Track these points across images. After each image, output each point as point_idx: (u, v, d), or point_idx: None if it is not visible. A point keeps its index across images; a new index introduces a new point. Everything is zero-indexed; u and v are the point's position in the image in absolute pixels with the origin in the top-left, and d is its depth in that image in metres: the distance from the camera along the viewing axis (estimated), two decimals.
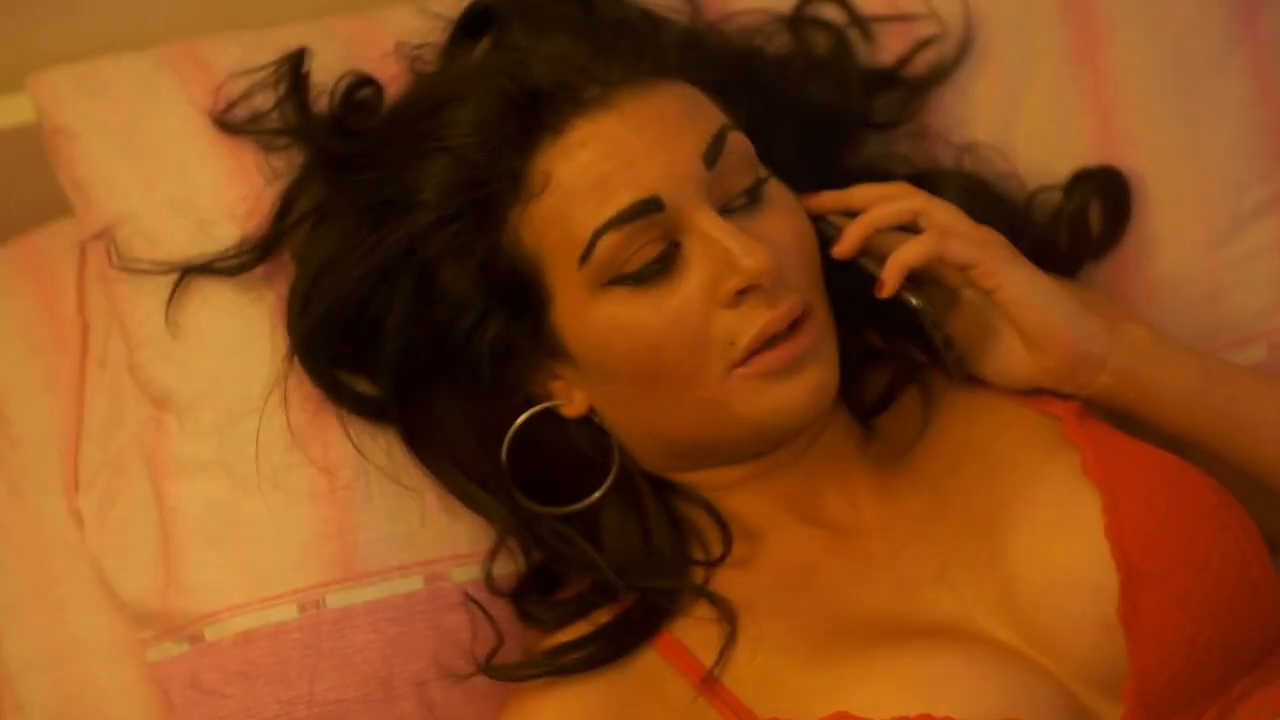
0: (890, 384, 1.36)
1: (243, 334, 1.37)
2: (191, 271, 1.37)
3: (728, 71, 1.37)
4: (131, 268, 1.39)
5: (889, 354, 1.37)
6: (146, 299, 1.39)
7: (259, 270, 1.37)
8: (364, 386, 1.34)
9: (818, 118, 1.44)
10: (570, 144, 1.24)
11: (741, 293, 1.22)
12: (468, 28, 1.38)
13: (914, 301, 1.28)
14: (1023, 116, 1.51)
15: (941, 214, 1.29)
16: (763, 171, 1.28)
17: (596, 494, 1.31)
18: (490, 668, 1.31)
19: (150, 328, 1.40)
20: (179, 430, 1.38)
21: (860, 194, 1.32)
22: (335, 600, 1.35)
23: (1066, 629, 1.23)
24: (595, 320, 1.24)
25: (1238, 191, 1.51)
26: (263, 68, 1.41)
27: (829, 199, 1.32)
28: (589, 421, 1.31)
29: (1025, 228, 1.45)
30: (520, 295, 1.26)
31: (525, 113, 1.25)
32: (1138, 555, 1.23)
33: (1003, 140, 1.51)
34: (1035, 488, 1.27)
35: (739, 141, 1.26)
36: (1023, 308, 1.25)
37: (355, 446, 1.33)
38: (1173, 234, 1.51)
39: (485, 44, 1.37)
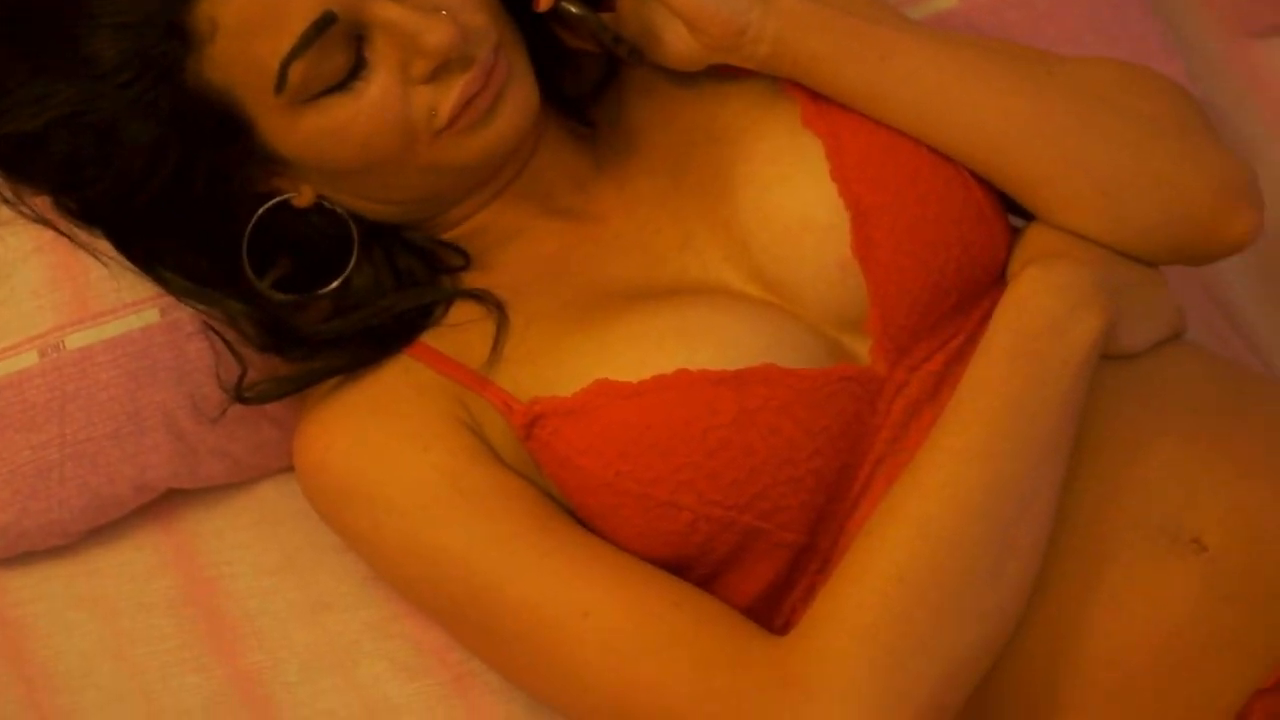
0: (595, 78, 1.37)
1: None
2: None
3: None
4: None
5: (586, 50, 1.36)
6: None
7: None
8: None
9: None
10: None
11: (434, 69, 1.21)
12: None
13: (573, 9, 1.26)
14: None
15: None
16: None
17: (346, 270, 1.30)
18: (240, 395, 1.31)
19: None
20: None
21: None
22: (74, 341, 1.34)
23: (806, 272, 1.27)
24: (302, 133, 1.22)
25: None
26: None
27: None
28: (321, 207, 1.29)
29: None
30: (221, 128, 1.22)
31: None
32: (865, 191, 1.26)
33: None
34: (757, 144, 1.29)
35: None
36: None
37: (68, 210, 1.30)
38: None
39: None
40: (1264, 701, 1.22)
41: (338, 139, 1.22)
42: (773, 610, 1.26)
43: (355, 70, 1.21)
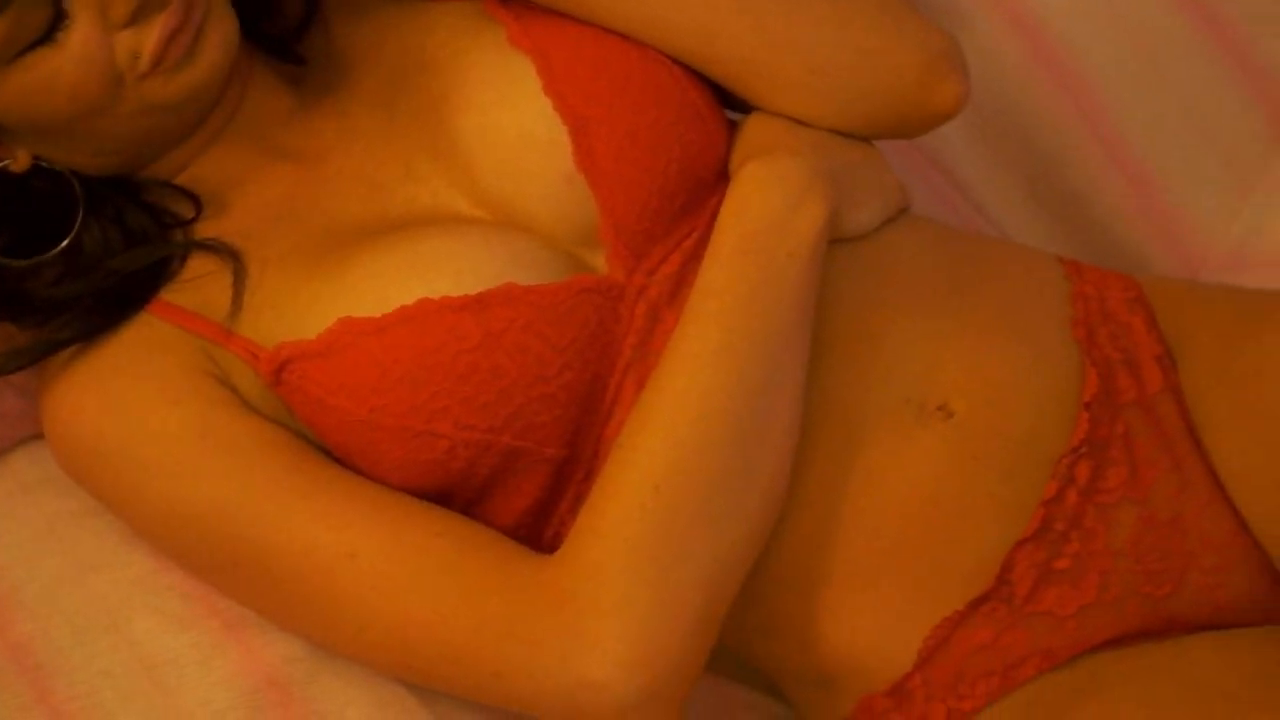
0: (298, 14, 1.36)
1: None
2: None
3: None
4: None
5: None
6: None
7: None
8: None
9: None
10: None
11: (133, 12, 1.19)
12: None
13: None
14: None
15: None
16: None
17: (73, 230, 1.27)
18: None
19: None
20: None
21: None
22: None
23: (533, 190, 1.27)
24: (10, 92, 1.20)
25: None
26: None
27: None
28: (40, 169, 1.27)
29: None
30: None
31: None
32: (580, 104, 1.27)
33: None
34: (468, 70, 1.30)
35: None
36: None
37: None
38: None
39: None
40: (1024, 550, 1.27)
41: (45, 92, 1.20)
42: (542, 524, 1.28)
43: (56, 22, 1.18)
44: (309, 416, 1.23)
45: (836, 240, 1.29)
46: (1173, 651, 1.27)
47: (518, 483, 1.25)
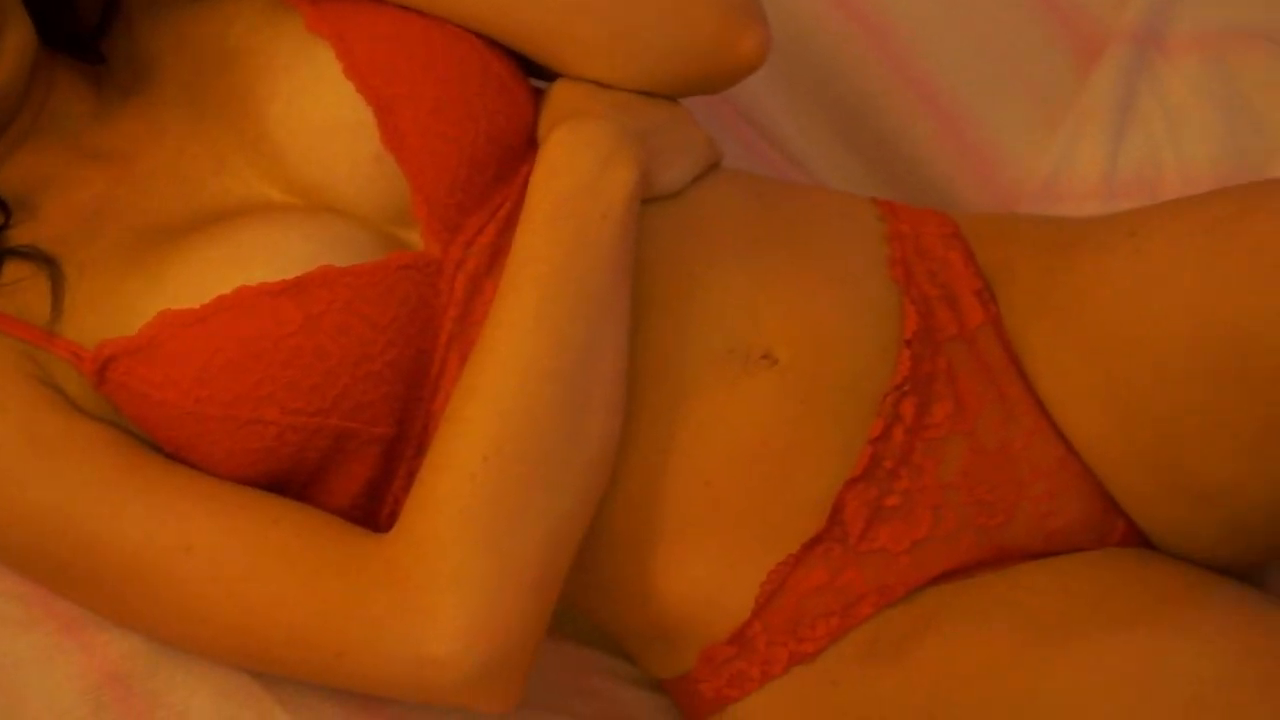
0: (97, 12, 1.35)
1: None
2: None
3: None
4: None
5: None
6: None
7: None
8: None
9: None
10: None
11: None
12: None
13: None
14: None
15: None
16: None
17: None
18: None
19: None
20: None
21: None
22: None
23: (343, 173, 1.27)
24: None
25: None
26: None
27: None
28: None
29: None
30: None
31: None
32: (383, 84, 1.27)
33: None
34: (270, 60, 1.29)
35: None
36: None
37: None
38: None
39: None
40: (855, 490, 1.29)
41: None
42: (377, 504, 1.28)
43: None
44: (135, 413, 1.23)
45: (649, 199, 1.30)
46: (1009, 580, 1.30)
47: (349, 464, 1.25)
